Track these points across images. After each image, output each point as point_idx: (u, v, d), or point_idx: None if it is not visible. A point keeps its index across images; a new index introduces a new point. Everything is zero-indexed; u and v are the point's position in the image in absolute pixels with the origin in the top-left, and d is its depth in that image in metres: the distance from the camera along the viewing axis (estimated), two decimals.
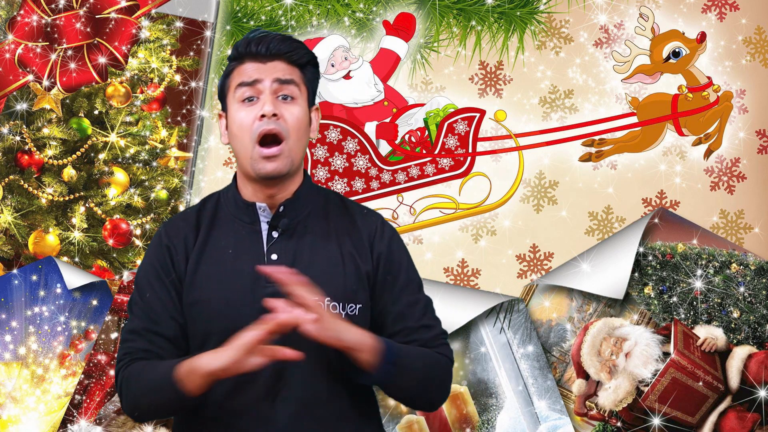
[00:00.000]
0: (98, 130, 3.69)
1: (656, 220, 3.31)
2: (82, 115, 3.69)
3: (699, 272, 3.25)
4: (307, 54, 1.95)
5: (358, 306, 1.90)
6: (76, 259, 3.53)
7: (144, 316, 1.93)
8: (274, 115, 1.87)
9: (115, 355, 3.17)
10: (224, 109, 1.97)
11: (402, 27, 3.40)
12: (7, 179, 3.52)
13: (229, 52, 3.38)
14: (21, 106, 3.51)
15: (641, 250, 3.26)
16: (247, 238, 1.92)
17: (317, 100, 2.20)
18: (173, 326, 1.92)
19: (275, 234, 1.91)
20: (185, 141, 3.99)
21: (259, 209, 1.92)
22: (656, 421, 3.10)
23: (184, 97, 3.49)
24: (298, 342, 1.82)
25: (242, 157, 1.91)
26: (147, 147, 3.82)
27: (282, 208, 1.92)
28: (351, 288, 1.89)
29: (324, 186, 2.03)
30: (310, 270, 1.86)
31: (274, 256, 1.89)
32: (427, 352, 1.93)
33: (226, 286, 1.89)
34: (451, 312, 3.19)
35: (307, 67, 1.95)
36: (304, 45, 1.95)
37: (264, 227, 1.92)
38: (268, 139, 1.88)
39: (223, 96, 1.96)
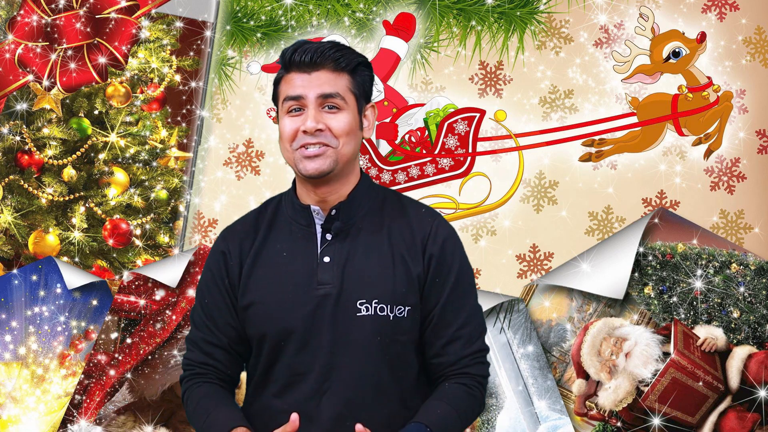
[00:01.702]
0: (98, 130, 3.69)
1: (656, 220, 3.31)
2: (82, 115, 3.69)
3: (699, 272, 3.24)
4: (355, 58, 1.95)
5: (406, 308, 1.92)
6: (76, 259, 3.53)
7: (202, 324, 2.00)
8: (319, 129, 1.90)
9: (115, 355, 3.19)
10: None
11: (402, 27, 3.40)
12: (7, 179, 3.52)
13: (229, 52, 3.39)
14: (21, 106, 3.51)
15: (641, 250, 3.26)
16: (301, 240, 1.96)
17: None
18: (229, 332, 1.98)
19: (329, 237, 1.95)
20: (185, 141, 3.99)
21: (314, 212, 1.96)
22: (656, 421, 3.10)
23: (184, 97, 3.50)
24: (347, 340, 1.88)
25: (289, 160, 1.96)
26: (147, 147, 3.82)
27: (334, 211, 1.95)
28: (400, 291, 1.91)
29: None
30: (360, 272, 1.91)
31: (326, 259, 1.93)
32: (462, 401, 1.95)
33: (280, 288, 1.93)
34: None
35: (357, 70, 1.95)
36: (350, 50, 1.95)
37: (319, 230, 1.96)
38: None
39: (275, 101, 2.00)
